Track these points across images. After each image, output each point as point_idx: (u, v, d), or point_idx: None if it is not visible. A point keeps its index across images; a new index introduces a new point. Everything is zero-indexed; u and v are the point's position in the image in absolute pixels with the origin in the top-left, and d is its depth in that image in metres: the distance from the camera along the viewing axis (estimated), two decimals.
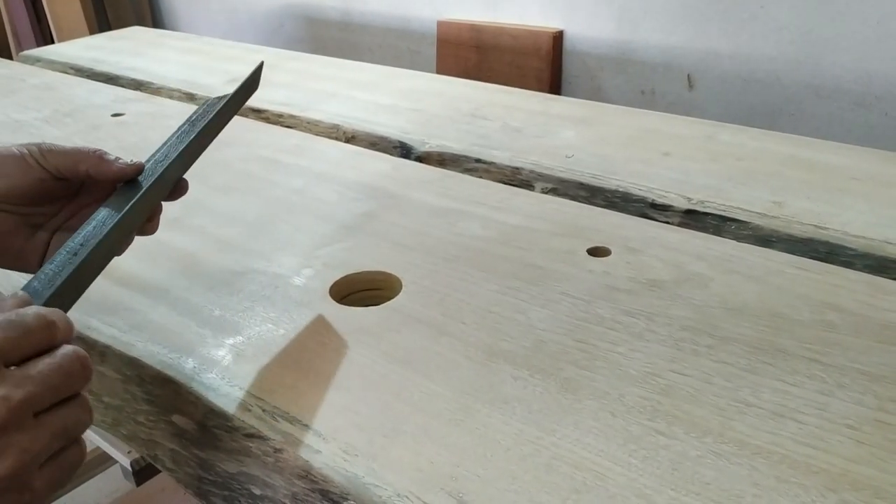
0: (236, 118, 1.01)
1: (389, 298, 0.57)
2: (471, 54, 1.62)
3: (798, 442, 0.42)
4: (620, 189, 0.75)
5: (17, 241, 0.48)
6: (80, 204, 0.52)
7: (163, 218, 0.71)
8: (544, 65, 1.50)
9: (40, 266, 0.47)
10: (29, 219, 0.49)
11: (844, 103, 1.25)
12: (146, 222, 0.51)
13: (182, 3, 2.48)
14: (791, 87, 1.29)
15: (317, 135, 0.95)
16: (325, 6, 1.99)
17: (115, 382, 0.54)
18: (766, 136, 0.87)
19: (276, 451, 0.44)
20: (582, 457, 0.42)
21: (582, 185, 0.77)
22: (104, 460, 1.27)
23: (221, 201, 0.75)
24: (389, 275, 0.60)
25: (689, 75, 1.40)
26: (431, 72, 1.67)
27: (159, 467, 0.52)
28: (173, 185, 0.52)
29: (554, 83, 1.53)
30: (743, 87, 1.35)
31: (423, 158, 0.87)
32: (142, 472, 0.98)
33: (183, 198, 0.75)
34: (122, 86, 1.22)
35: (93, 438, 1.10)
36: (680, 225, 0.70)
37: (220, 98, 0.58)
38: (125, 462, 0.99)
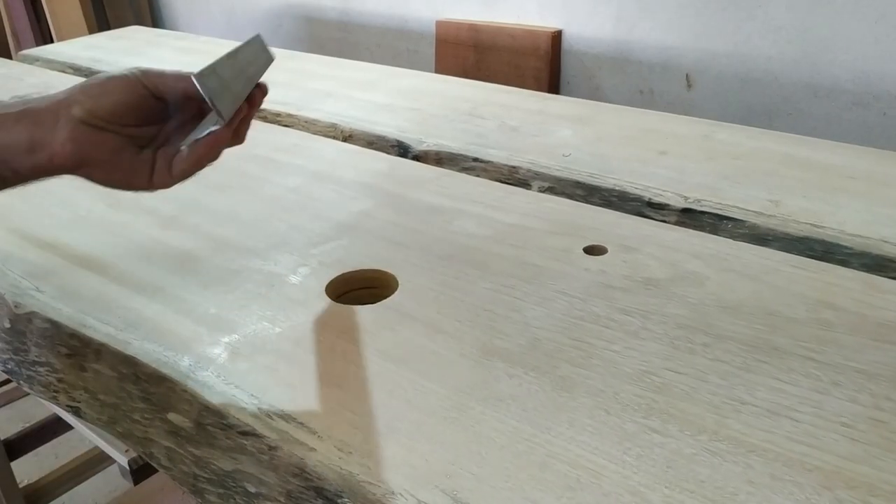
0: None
1: (385, 296, 0.57)
2: (469, 54, 1.62)
3: (793, 440, 0.42)
4: (617, 188, 0.75)
5: (126, 157, 0.52)
6: (175, 123, 0.55)
7: (158, 216, 0.72)
8: (543, 64, 1.50)
9: (150, 182, 0.53)
10: (133, 140, 0.53)
11: (842, 103, 1.25)
12: (239, 124, 0.55)
13: (181, 3, 2.48)
14: (789, 86, 1.29)
15: (314, 134, 0.95)
16: (324, 6, 1.99)
17: (111, 380, 0.54)
18: (763, 135, 0.87)
19: (271, 448, 0.44)
20: (576, 454, 0.42)
21: (579, 184, 0.77)
22: (102, 459, 1.27)
23: (217, 200, 0.75)
24: (385, 273, 0.60)
25: (687, 75, 1.40)
26: (430, 72, 1.67)
27: (155, 465, 0.52)
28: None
29: (552, 83, 1.53)
30: (741, 86, 1.35)
31: (421, 157, 0.87)
32: (139, 471, 0.98)
33: (178, 196, 0.76)
34: None
35: (90, 437, 1.10)
36: (676, 224, 0.70)
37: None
38: (123, 461, 0.99)
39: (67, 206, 0.75)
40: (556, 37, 1.50)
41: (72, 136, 0.50)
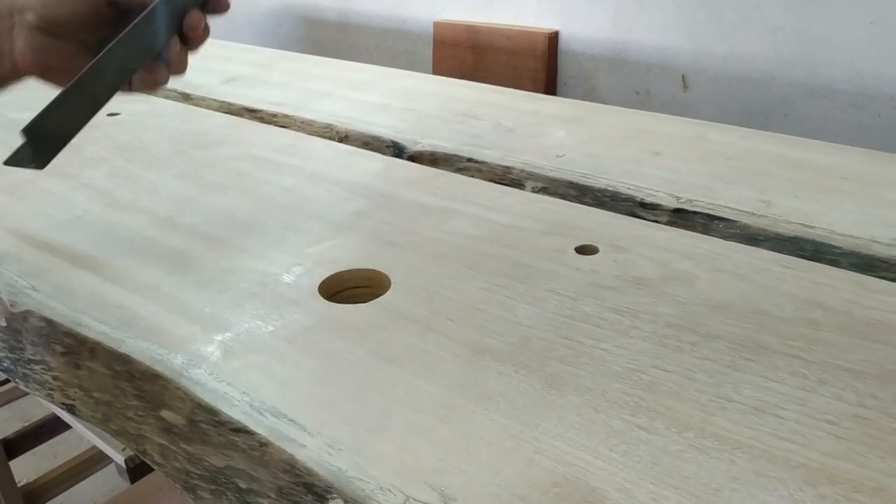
0: (229, 117, 1.02)
1: (378, 296, 0.58)
2: (467, 55, 1.62)
3: (778, 437, 0.43)
4: (610, 188, 0.75)
5: (81, 63, 0.53)
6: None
7: (154, 216, 0.72)
8: (540, 65, 1.51)
9: None
10: (88, 45, 0.54)
11: (838, 104, 1.25)
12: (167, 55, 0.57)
13: None
14: (785, 87, 1.30)
15: (310, 134, 0.96)
16: (322, 7, 1.99)
17: (105, 378, 0.54)
18: (756, 136, 0.88)
19: (262, 445, 0.44)
20: (563, 451, 0.42)
21: (572, 185, 0.77)
22: (100, 458, 1.28)
23: (212, 199, 0.75)
24: (378, 272, 0.61)
25: (683, 76, 1.41)
26: (428, 72, 1.67)
27: (148, 462, 0.53)
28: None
29: (549, 83, 1.53)
30: (737, 87, 1.35)
31: (416, 158, 0.88)
32: (136, 470, 0.99)
33: (174, 196, 0.76)
34: None
35: (88, 437, 1.11)
36: (668, 224, 0.70)
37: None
38: (119, 459, 0.99)
39: (64, 205, 0.75)
40: (553, 38, 1.51)
41: (30, 45, 0.51)
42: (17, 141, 0.55)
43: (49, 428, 1.36)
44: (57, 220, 0.72)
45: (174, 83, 1.16)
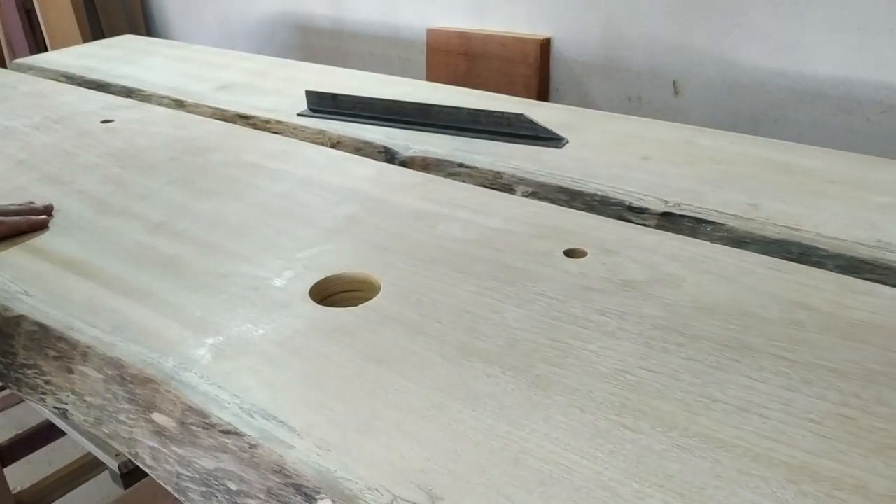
0: (223, 124, 1.02)
1: (369, 299, 0.58)
2: (460, 62, 1.63)
3: (761, 436, 0.43)
4: (599, 192, 0.76)
5: None
6: None
7: (147, 221, 0.73)
8: (532, 72, 1.51)
9: None
10: None
11: (827, 108, 1.26)
12: None
13: (175, 12, 2.49)
14: (775, 92, 1.31)
15: (303, 140, 0.96)
16: (317, 15, 2.00)
17: (97, 382, 0.55)
18: (745, 140, 0.88)
19: (252, 447, 0.45)
20: (549, 451, 0.43)
21: (562, 189, 0.78)
22: (95, 465, 1.28)
23: (205, 205, 0.76)
24: (369, 276, 0.61)
25: (674, 82, 1.42)
26: (422, 79, 1.68)
27: (140, 465, 0.53)
28: None
29: (542, 90, 1.54)
30: (728, 92, 1.36)
31: (407, 163, 0.88)
32: (129, 475, 0.99)
33: (167, 202, 0.77)
34: (113, 93, 1.23)
35: (83, 443, 1.11)
36: (657, 227, 0.71)
37: None
38: (113, 465, 0.99)
39: (57, 211, 0.75)
40: (546, 44, 1.52)
41: None
42: (10, 146, 0.56)
43: (43, 435, 1.36)
44: (50, 226, 0.73)
45: (168, 91, 1.16)
